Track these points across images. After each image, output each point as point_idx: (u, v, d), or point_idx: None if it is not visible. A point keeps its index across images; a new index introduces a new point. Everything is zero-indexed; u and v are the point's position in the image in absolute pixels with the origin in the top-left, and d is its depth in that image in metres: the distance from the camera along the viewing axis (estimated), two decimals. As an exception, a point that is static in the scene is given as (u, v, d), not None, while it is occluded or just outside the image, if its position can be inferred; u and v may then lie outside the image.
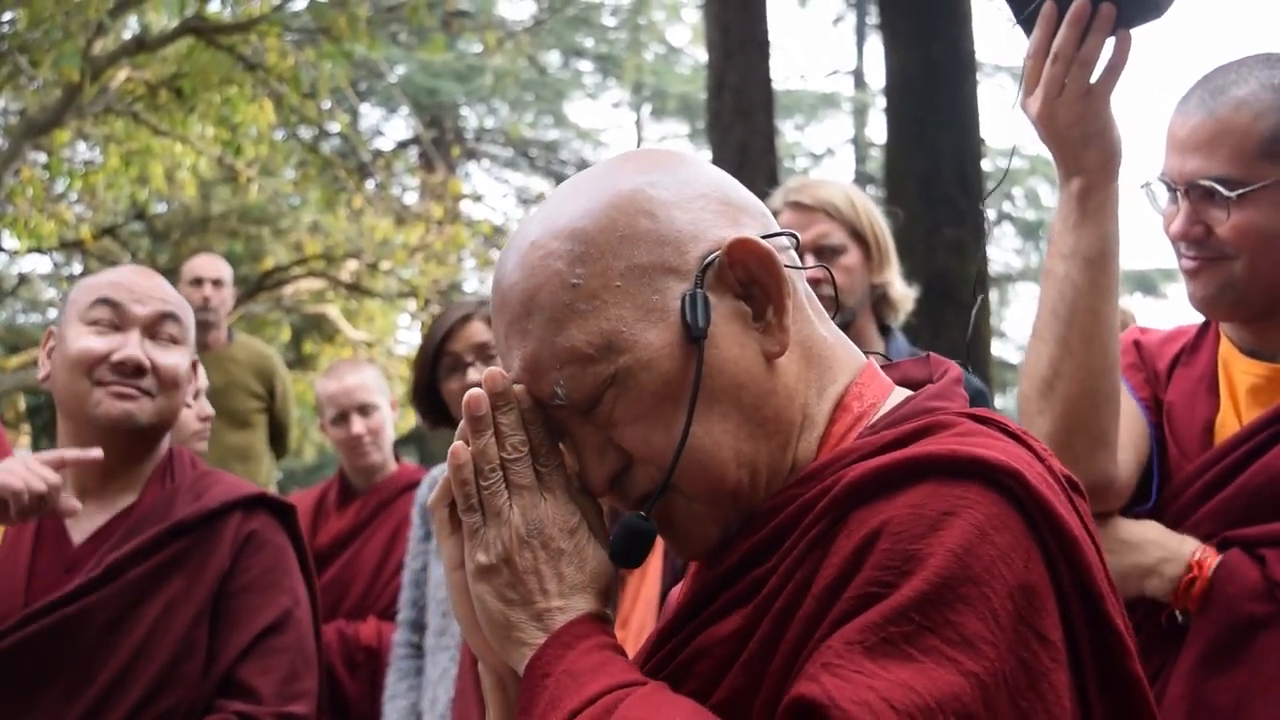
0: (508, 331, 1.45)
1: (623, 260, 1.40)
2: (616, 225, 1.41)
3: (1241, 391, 2.37)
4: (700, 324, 1.38)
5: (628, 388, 1.39)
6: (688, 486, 1.41)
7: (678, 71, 21.74)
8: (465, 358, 3.85)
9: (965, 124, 8.45)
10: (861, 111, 22.67)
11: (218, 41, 11.42)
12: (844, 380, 1.48)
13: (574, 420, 1.44)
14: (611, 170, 1.48)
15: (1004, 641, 1.23)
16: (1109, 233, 2.23)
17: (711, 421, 1.39)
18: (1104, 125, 2.19)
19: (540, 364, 1.41)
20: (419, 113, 18.18)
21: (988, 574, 1.24)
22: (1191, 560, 2.25)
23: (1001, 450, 1.33)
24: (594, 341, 1.38)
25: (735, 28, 8.92)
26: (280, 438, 6.76)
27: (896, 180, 8.55)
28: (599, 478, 1.44)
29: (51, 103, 11.22)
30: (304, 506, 4.97)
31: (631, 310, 1.39)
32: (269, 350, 7.03)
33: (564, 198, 1.47)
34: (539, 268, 1.42)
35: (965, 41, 8.57)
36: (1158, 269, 21.52)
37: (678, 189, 1.44)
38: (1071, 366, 2.22)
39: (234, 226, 15.92)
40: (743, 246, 1.41)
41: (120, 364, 2.69)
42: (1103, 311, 2.22)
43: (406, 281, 15.10)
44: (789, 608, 1.32)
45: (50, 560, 2.74)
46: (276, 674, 2.71)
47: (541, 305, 1.40)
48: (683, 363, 1.38)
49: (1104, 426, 2.23)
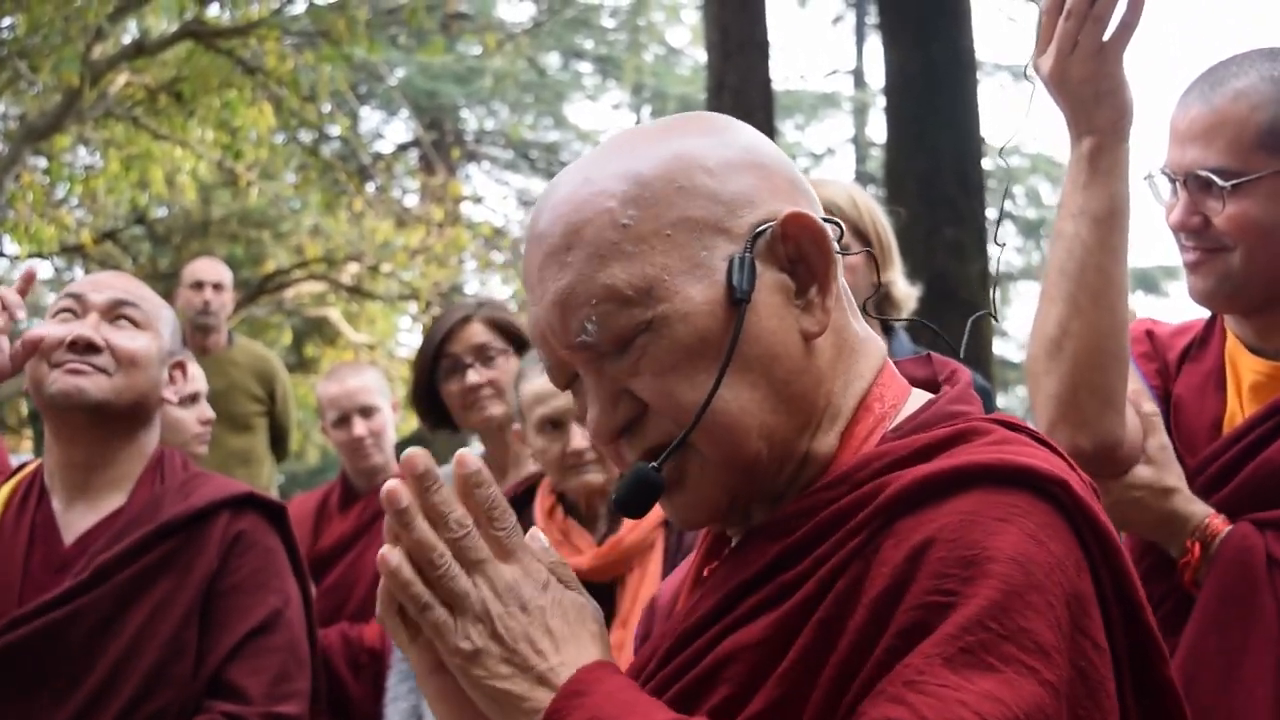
0: (543, 263, 1.40)
1: (676, 210, 1.37)
2: (675, 176, 1.39)
3: (1246, 388, 2.37)
4: (744, 287, 1.36)
5: (661, 337, 1.36)
6: (706, 447, 1.38)
7: (677, 72, 21.74)
8: (464, 359, 3.85)
9: (965, 124, 8.46)
10: (861, 111, 22.67)
11: (217, 45, 11.43)
12: (868, 378, 1.46)
13: (592, 364, 1.40)
14: (677, 124, 1.46)
15: (1066, 650, 1.23)
16: (1119, 192, 2.21)
17: (741, 387, 1.37)
18: (1116, 84, 2.18)
19: (574, 298, 1.37)
20: (419, 115, 18.17)
21: (1048, 581, 1.24)
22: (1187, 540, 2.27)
23: (1045, 459, 1.33)
24: (635, 284, 1.36)
25: (734, 28, 8.92)
26: (281, 441, 6.76)
27: (897, 180, 8.55)
28: (609, 426, 1.41)
29: (51, 107, 11.23)
30: (306, 510, 4.96)
31: (678, 261, 1.37)
32: (269, 353, 7.02)
33: (625, 142, 1.45)
34: (589, 203, 1.38)
35: (965, 41, 8.57)
36: (1159, 267, 21.51)
37: (741, 154, 1.43)
38: (1080, 325, 2.19)
39: (234, 230, 15.93)
40: (798, 221, 1.40)
41: (72, 343, 2.71)
42: (1111, 271, 2.20)
43: (407, 284, 15.11)
44: (833, 618, 1.29)
45: (43, 559, 2.74)
46: (266, 674, 2.70)
47: (586, 240, 1.37)
48: (721, 322, 1.36)
49: (1112, 387, 2.21)
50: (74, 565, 2.71)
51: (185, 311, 6.55)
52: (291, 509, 5.03)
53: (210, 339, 6.55)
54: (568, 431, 3.26)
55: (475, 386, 3.84)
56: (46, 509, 2.79)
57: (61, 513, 2.78)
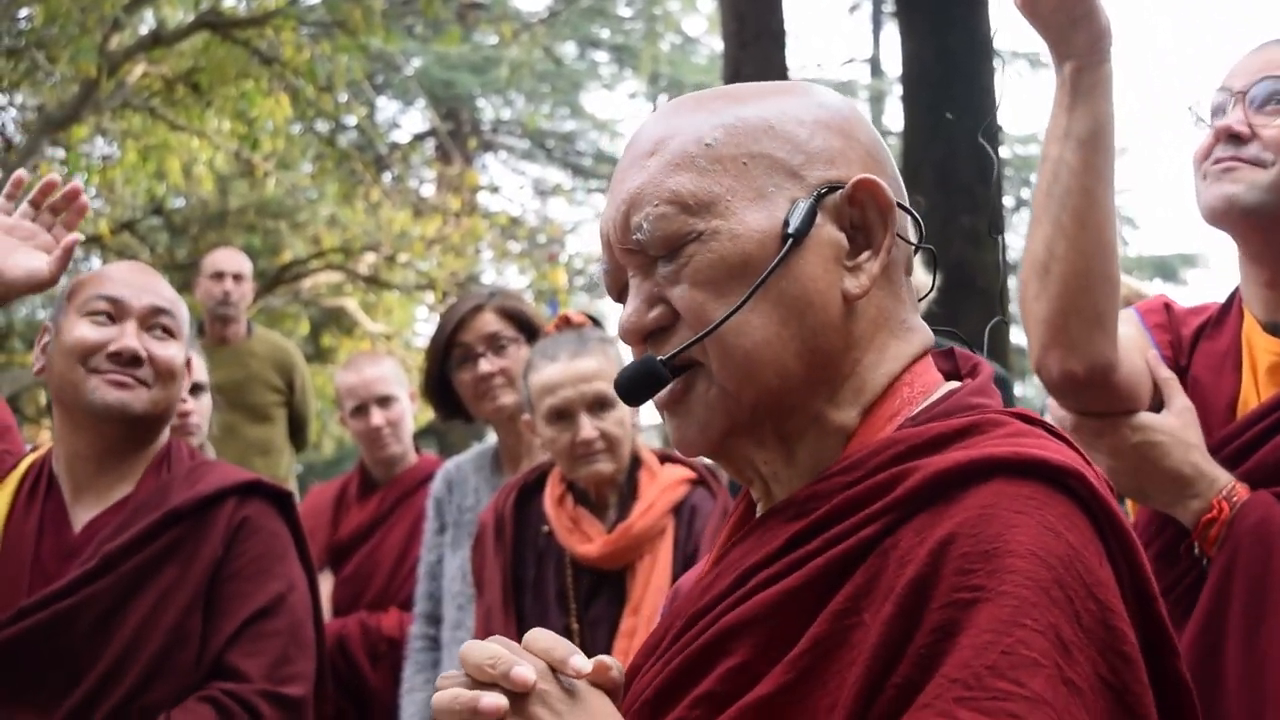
0: (625, 167, 1.47)
1: (759, 146, 1.43)
2: (768, 118, 1.45)
3: (1262, 370, 2.37)
4: (798, 225, 1.40)
5: (709, 250, 1.40)
6: (719, 367, 1.41)
7: (694, 61, 21.70)
8: (476, 348, 3.85)
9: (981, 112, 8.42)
10: (878, 100, 22.61)
11: (233, 36, 11.44)
12: (903, 362, 1.48)
13: (641, 267, 1.45)
14: (783, 87, 1.52)
15: (1093, 645, 1.23)
16: (1102, 112, 2.21)
17: (771, 320, 1.40)
18: (1090, 7, 2.18)
19: (641, 197, 1.43)
20: (435, 105, 18.17)
21: (1068, 573, 1.24)
22: (1215, 499, 2.26)
23: (1059, 451, 1.34)
24: (699, 195, 1.41)
25: (751, 17, 8.90)
26: (300, 431, 6.77)
27: (913, 169, 8.52)
28: (638, 325, 1.45)
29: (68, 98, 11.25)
30: (325, 500, 4.98)
31: (745, 188, 1.42)
32: (288, 344, 7.03)
33: (730, 90, 1.52)
34: (684, 124, 1.45)
35: (982, 29, 8.53)
36: (1177, 254, 21.44)
37: (839, 121, 1.48)
38: (1065, 247, 2.20)
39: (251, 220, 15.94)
40: (868, 187, 1.44)
41: (117, 353, 2.72)
42: (1096, 191, 2.20)
43: (424, 274, 15.11)
44: (852, 611, 1.29)
45: (52, 548, 2.76)
46: (266, 657, 2.71)
47: (669, 148, 1.44)
48: (768, 253, 1.40)
49: (1100, 308, 2.21)
50: (81, 553, 2.72)
51: (205, 302, 6.57)
52: (309, 499, 5.09)
53: (230, 329, 6.57)
54: (577, 422, 3.27)
55: (487, 375, 3.84)
56: (56, 497, 2.81)
57: (70, 501, 2.80)
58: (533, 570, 3.33)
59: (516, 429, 3.85)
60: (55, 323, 2.81)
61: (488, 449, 4.01)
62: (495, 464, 3.94)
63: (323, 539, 4.74)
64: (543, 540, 3.34)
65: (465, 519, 3.87)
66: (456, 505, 3.92)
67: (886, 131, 21.99)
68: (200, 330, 6.65)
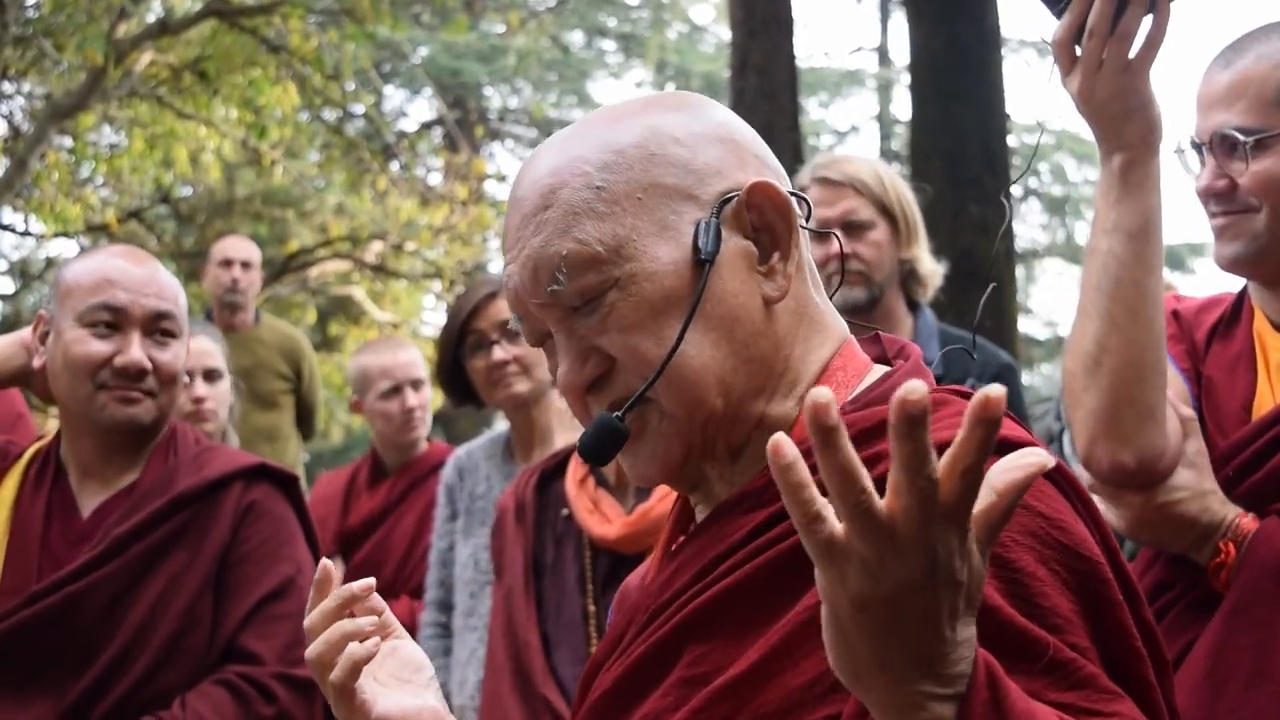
0: (521, 224, 1.47)
1: (649, 177, 1.44)
2: (649, 145, 1.46)
3: (1275, 369, 2.37)
4: (709, 248, 1.42)
5: (629, 294, 1.42)
6: (667, 401, 1.43)
7: (701, 50, 21.70)
8: (490, 335, 3.85)
9: (991, 101, 8.41)
10: (886, 89, 22.59)
11: (241, 24, 11.45)
12: (830, 348, 1.51)
13: (563, 320, 1.46)
14: (652, 101, 1.54)
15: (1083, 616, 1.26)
16: (1151, 207, 2.21)
17: (704, 344, 1.42)
18: (1144, 100, 2.17)
19: (547, 254, 1.43)
20: (442, 94, 18.19)
21: (1036, 527, 1.27)
22: (1221, 542, 2.26)
23: (1010, 428, 1.35)
24: (606, 242, 1.42)
25: (758, 5, 8.89)
26: (307, 419, 6.78)
27: (922, 158, 8.51)
28: (578, 381, 1.46)
29: (76, 87, 11.27)
30: (335, 487, 4.98)
31: (647, 224, 1.43)
32: (296, 332, 7.04)
33: (603, 116, 1.52)
34: (566, 168, 1.45)
35: (990, 17, 8.51)
36: (1186, 244, 21.41)
37: (713, 129, 1.50)
38: (1117, 341, 2.19)
39: (259, 209, 15.97)
40: (762, 190, 1.46)
41: (124, 369, 2.71)
42: (1147, 285, 2.20)
43: (431, 262, 15.14)
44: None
45: (60, 534, 2.77)
46: (279, 639, 2.72)
47: (562, 200, 1.44)
48: (686, 282, 1.43)
49: (1152, 400, 2.21)
50: (90, 538, 2.73)
51: (213, 289, 6.58)
52: (320, 486, 5.09)
53: (238, 317, 6.58)
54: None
55: (501, 363, 3.84)
56: (64, 484, 2.81)
57: (78, 488, 2.81)
58: (552, 553, 3.33)
59: (529, 416, 3.85)
60: (54, 319, 2.78)
61: (499, 436, 4.02)
62: (507, 451, 3.94)
63: (333, 526, 4.74)
64: (562, 524, 3.34)
65: (477, 506, 3.88)
66: (468, 492, 3.93)
67: (895, 121, 22.01)
68: (208, 318, 6.66)
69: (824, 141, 22.43)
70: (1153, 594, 2.38)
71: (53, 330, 2.78)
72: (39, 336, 2.81)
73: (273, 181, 15.26)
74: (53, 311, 2.78)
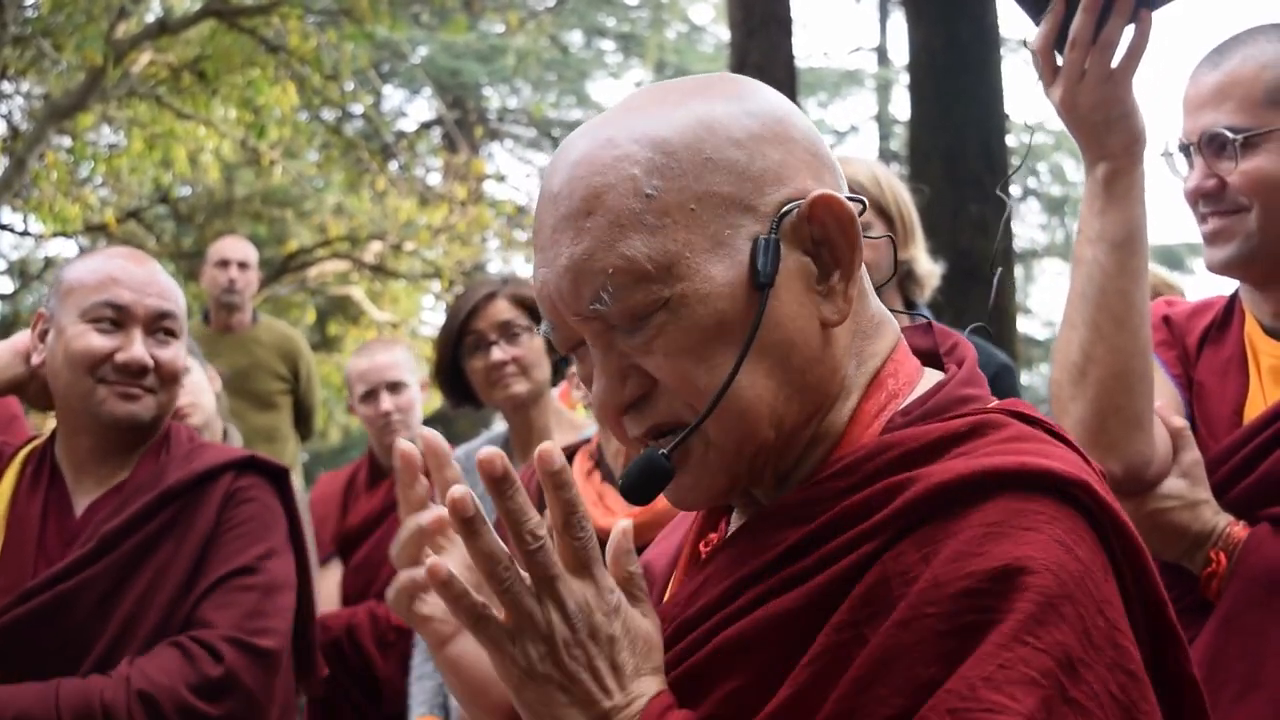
0: (558, 226, 1.34)
1: (703, 184, 1.32)
2: (704, 146, 1.33)
3: (1265, 372, 2.36)
4: (769, 271, 1.31)
5: (679, 317, 1.31)
6: (716, 433, 1.34)
7: (700, 50, 21.69)
8: (489, 336, 3.85)
9: (990, 101, 8.41)
10: (885, 88, 22.59)
11: (240, 24, 11.45)
12: (882, 355, 1.43)
13: (602, 336, 1.36)
14: (706, 86, 1.40)
15: (1101, 661, 1.20)
16: (1135, 216, 2.21)
17: (758, 374, 1.32)
18: (1127, 109, 2.18)
19: (591, 266, 1.31)
20: (442, 94, 18.19)
21: (1079, 590, 1.21)
22: (1212, 551, 2.26)
23: (1062, 459, 1.30)
24: (656, 259, 1.30)
25: (757, 5, 8.88)
26: (305, 420, 6.78)
27: (921, 158, 8.50)
28: (616, 401, 1.37)
29: (75, 86, 11.27)
30: (334, 488, 4.98)
31: (701, 238, 1.31)
32: (294, 332, 7.04)
33: (650, 102, 1.38)
34: (611, 167, 1.32)
35: (989, 17, 8.51)
36: (1184, 244, 21.41)
37: (772, 125, 1.37)
38: (1103, 350, 2.20)
39: (258, 209, 15.96)
40: (826, 204, 1.35)
41: (125, 365, 2.73)
42: (1132, 294, 2.21)
43: (430, 262, 15.13)
44: (851, 624, 1.25)
45: (55, 533, 2.77)
46: (237, 609, 2.70)
47: (608, 207, 1.31)
48: (742, 306, 1.31)
49: (1138, 409, 2.22)
50: (81, 536, 2.74)
51: (211, 289, 6.58)
52: (319, 487, 5.09)
53: (235, 317, 6.58)
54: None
55: (500, 364, 3.85)
56: (59, 484, 2.82)
57: (73, 488, 2.81)
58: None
59: (527, 416, 3.86)
60: (55, 317, 2.80)
61: (498, 436, 4.02)
62: (506, 451, 3.95)
63: (332, 526, 4.74)
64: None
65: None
66: (468, 493, 3.94)
67: (894, 121, 22.01)
68: (206, 318, 6.66)
69: (823, 141, 22.40)
70: None
71: (53, 327, 2.79)
72: (38, 334, 2.82)
73: (271, 181, 15.25)
74: (53, 309, 2.80)
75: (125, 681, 2.57)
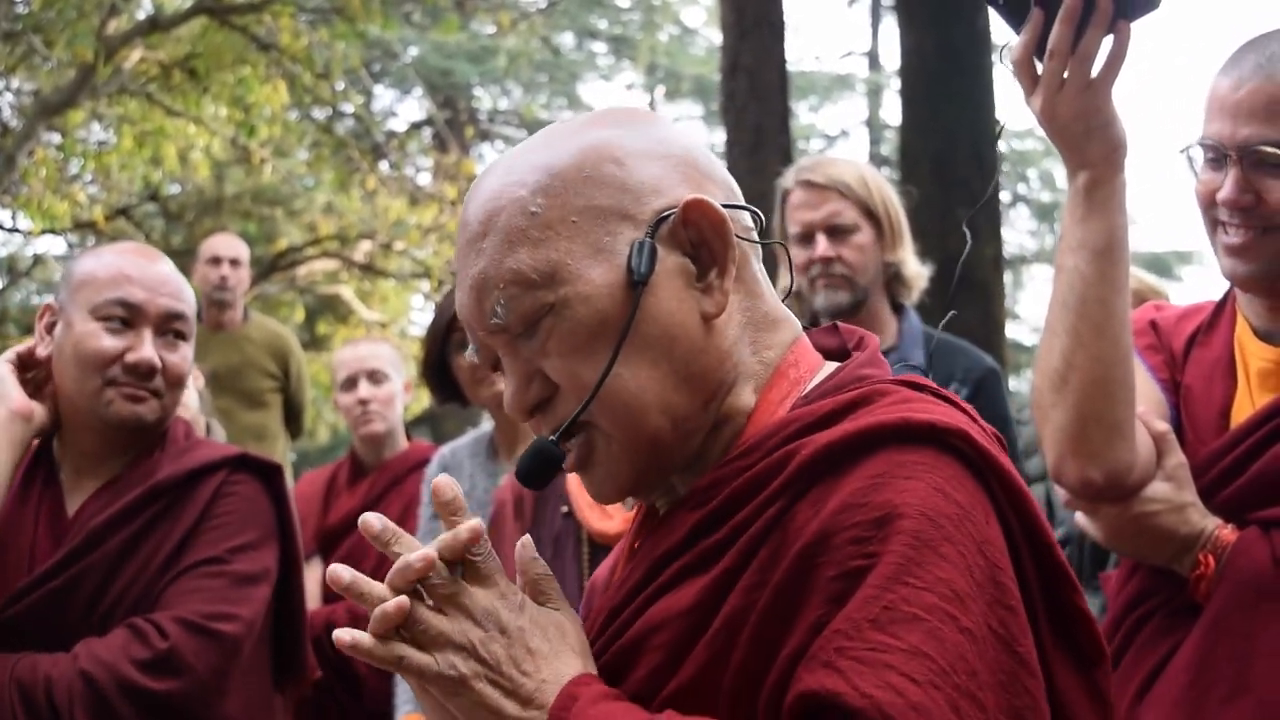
0: (464, 250, 1.49)
1: (583, 199, 1.45)
2: (583, 166, 1.46)
3: (1253, 375, 2.36)
4: (643, 270, 1.43)
5: (564, 319, 1.43)
6: (608, 424, 1.45)
7: (692, 53, 21.69)
8: (475, 334, 3.86)
9: (980, 106, 8.42)
10: (876, 93, 22.61)
11: (231, 22, 11.44)
12: (781, 348, 1.52)
13: (508, 345, 1.48)
14: (589, 120, 1.53)
15: (983, 597, 1.28)
16: (1116, 224, 2.22)
17: (640, 366, 1.44)
18: (1107, 119, 2.18)
19: (487, 282, 1.45)
20: (432, 94, 18.17)
21: (958, 532, 1.30)
22: (1201, 554, 2.27)
23: (945, 414, 1.39)
24: (539, 268, 1.43)
25: (749, 8, 8.89)
26: (295, 418, 6.78)
27: (911, 162, 8.52)
28: (522, 404, 1.49)
29: (65, 83, 11.25)
30: (316, 486, 4.98)
31: (581, 246, 1.44)
32: (284, 330, 7.04)
33: (541, 139, 1.52)
34: (503, 193, 1.46)
35: (981, 23, 8.52)
36: (1172, 251, 21.46)
37: (649, 145, 1.49)
38: (1084, 358, 2.21)
39: (247, 207, 15.94)
40: (698, 207, 1.46)
41: (134, 365, 2.71)
42: (1113, 302, 2.21)
43: (420, 262, 15.13)
44: (756, 585, 1.35)
45: (48, 532, 2.75)
46: (198, 595, 2.65)
47: (498, 227, 1.45)
48: (620, 304, 1.43)
49: (1119, 416, 2.22)
50: (73, 534, 2.72)
51: (202, 287, 6.57)
52: (301, 485, 5.08)
53: (226, 315, 6.58)
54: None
55: (483, 363, 3.85)
56: (55, 483, 2.81)
57: (69, 487, 2.80)
58: (549, 550, 3.34)
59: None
60: (64, 311, 2.77)
61: (483, 435, 4.02)
62: (491, 450, 3.94)
63: (313, 525, 4.73)
64: (560, 522, 3.34)
65: (460, 504, 3.89)
66: (453, 491, 3.94)
67: (885, 125, 22.03)
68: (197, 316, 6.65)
69: (814, 146, 22.43)
70: (1132, 604, 2.39)
71: (61, 321, 2.77)
72: (45, 326, 2.79)
73: (262, 180, 15.24)
74: (63, 302, 2.77)
75: (73, 659, 2.55)
